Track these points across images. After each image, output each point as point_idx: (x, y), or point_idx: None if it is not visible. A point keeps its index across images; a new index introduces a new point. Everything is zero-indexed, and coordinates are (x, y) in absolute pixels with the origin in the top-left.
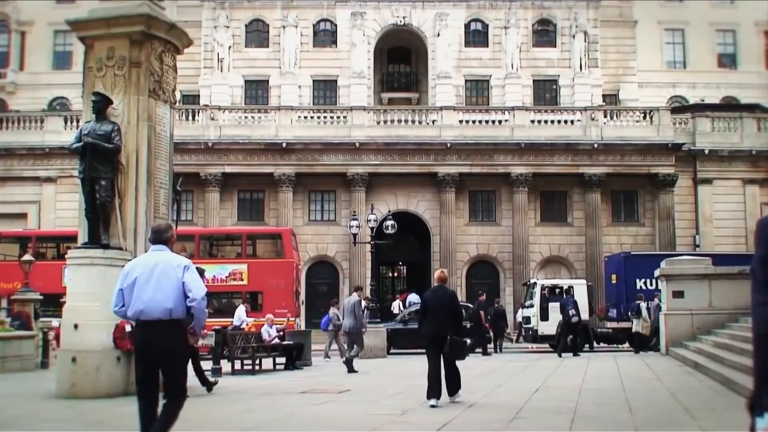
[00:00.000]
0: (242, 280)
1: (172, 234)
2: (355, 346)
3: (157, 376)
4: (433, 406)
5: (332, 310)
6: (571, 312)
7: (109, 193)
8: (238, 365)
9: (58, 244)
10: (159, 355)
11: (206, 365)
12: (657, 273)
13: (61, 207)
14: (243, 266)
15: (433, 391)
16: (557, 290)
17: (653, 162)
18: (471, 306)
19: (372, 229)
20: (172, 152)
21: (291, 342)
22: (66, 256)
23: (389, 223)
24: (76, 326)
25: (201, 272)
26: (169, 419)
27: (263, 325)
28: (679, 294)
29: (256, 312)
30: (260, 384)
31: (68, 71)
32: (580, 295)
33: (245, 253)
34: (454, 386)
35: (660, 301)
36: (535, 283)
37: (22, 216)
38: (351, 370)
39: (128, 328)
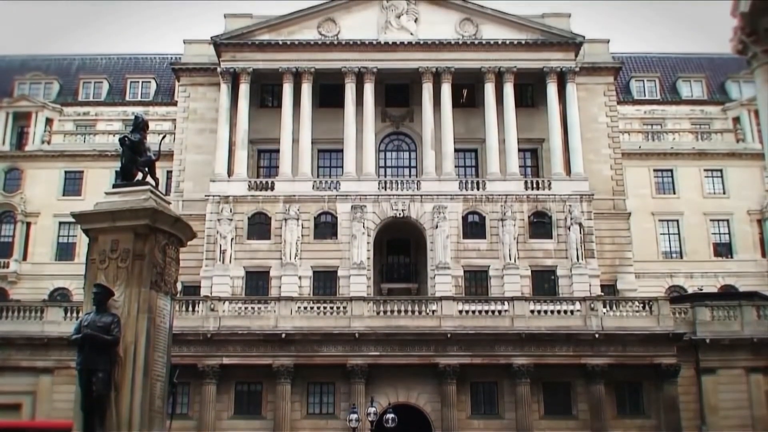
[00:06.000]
0: None
1: None
2: None
3: None
4: None
5: None
6: None
7: (105, 385)
8: None
9: None
10: None
11: None
12: None
13: (57, 398)
14: None
15: None
16: None
17: (655, 352)
18: None
19: (372, 422)
20: (171, 344)
21: None
22: None
23: (389, 416)
24: None
25: None
26: None
27: None
28: None
29: None
30: None
31: (70, 262)
32: None
33: None
34: None
35: None
36: None
37: (17, 407)
38: None
39: None
